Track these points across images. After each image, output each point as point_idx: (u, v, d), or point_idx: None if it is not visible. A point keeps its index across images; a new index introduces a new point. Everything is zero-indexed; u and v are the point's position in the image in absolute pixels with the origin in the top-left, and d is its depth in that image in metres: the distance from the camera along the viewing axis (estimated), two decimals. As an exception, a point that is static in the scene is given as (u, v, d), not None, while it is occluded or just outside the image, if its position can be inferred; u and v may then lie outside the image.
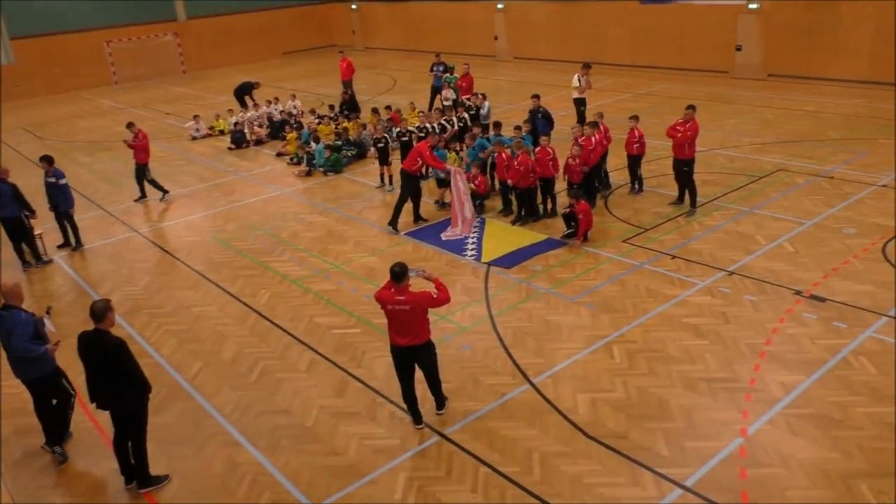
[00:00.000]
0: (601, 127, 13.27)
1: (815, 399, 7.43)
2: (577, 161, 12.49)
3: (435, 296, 7.08)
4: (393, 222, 12.83)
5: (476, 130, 14.47)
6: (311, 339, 9.48)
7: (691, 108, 12.45)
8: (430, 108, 20.48)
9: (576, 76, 17.49)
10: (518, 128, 13.83)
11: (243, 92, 23.74)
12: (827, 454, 6.65)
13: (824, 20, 21.95)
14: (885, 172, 13.95)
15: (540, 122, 14.72)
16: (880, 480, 6.29)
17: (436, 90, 21.33)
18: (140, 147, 15.28)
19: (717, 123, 18.47)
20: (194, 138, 21.78)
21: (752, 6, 23.12)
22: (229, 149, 20.14)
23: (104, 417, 7.34)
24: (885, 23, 20.68)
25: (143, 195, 15.89)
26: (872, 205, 12.40)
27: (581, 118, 17.32)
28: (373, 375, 8.52)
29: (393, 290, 6.99)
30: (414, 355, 7.22)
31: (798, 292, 9.61)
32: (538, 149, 12.67)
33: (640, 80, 25.32)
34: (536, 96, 15.17)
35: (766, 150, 16.02)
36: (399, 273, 6.93)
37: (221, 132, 21.83)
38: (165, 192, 15.99)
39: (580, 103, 17.62)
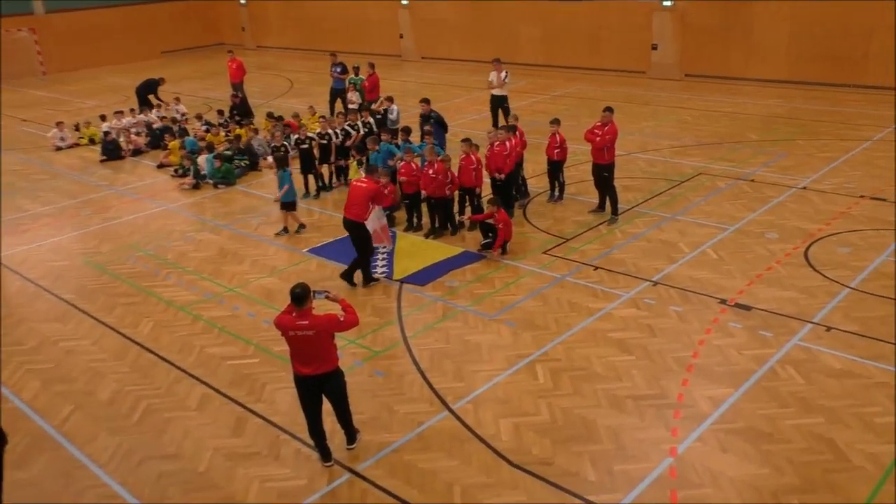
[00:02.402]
0: (517, 131, 13.52)
1: (743, 412, 7.78)
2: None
3: (342, 318, 7.01)
4: (367, 278, 11.30)
5: (385, 136, 14.46)
6: (202, 373, 9.19)
7: (609, 110, 12.86)
8: (331, 112, 20.38)
9: (491, 73, 17.85)
10: (429, 133, 13.91)
11: (147, 90, 22.88)
12: (757, 470, 6.96)
13: (740, 20, 23.27)
14: (804, 174, 14.86)
15: (433, 127, 14.90)
16: (811, 495, 6.63)
17: (336, 93, 21.25)
18: None
19: (636, 126, 19.21)
20: (59, 148, 20.81)
21: (667, 3, 24.25)
22: (101, 160, 19.36)
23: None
24: (801, 23, 22.13)
25: None
26: (793, 208, 13.17)
27: (495, 119, 17.70)
28: (275, 410, 8.33)
29: (294, 314, 6.87)
30: (320, 385, 7.11)
31: (723, 301, 10.07)
32: (463, 157, 12.72)
33: (555, 80, 26.04)
34: (426, 100, 15.41)
35: (686, 153, 16.78)
36: (301, 295, 6.83)
37: (92, 141, 20.95)
38: None
39: (497, 101, 17.89)
